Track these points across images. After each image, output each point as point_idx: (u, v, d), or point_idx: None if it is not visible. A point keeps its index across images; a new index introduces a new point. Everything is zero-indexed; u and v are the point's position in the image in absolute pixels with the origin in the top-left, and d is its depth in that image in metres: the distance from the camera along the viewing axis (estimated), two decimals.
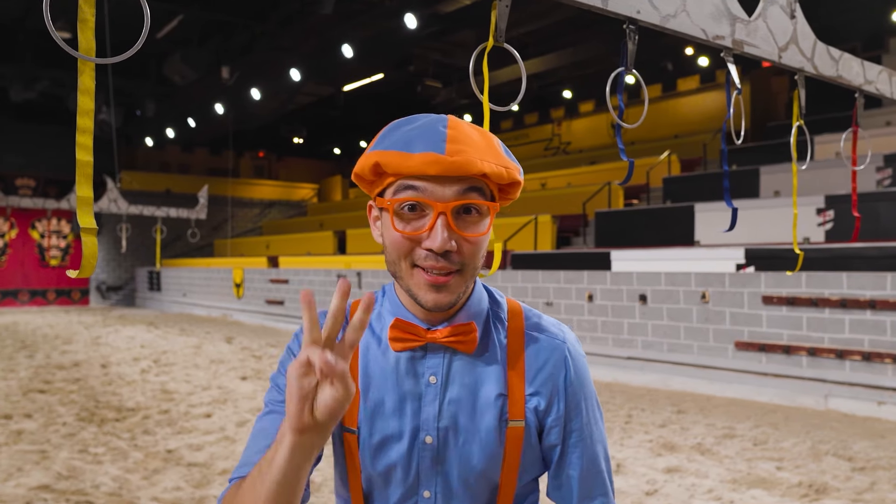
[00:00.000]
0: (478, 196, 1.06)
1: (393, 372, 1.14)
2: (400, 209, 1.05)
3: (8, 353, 11.46)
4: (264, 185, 28.91)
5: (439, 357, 1.13)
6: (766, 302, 8.22)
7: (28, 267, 23.91)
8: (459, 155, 1.02)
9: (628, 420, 6.98)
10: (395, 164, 1.04)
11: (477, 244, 1.08)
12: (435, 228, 1.03)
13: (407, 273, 1.08)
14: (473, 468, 1.12)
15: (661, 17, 1.74)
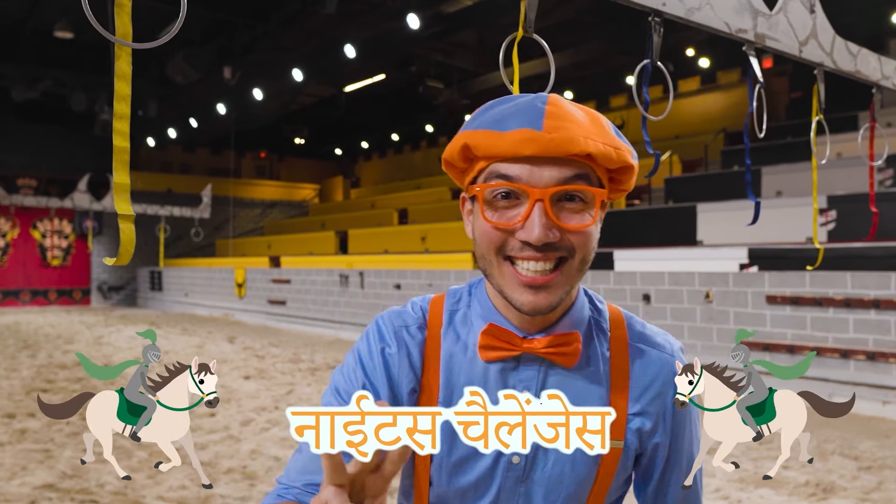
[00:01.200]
0: (583, 182, 0.92)
1: (481, 383, 1.01)
2: (492, 196, 0.93)
3: (10, 353, 11.45)
4: (266, 185, 28.90)
5: (534, 370, 1.01)
6: (770, 301, 8.21)
7: (29, 267, 23.89)
8: (559, 132, 0.89)
9: None
10: (485, 145, 0.92)
11: (584, 236, 0.94)
12: (531, 218, 0.90)
13: (498, 270, 0.95)
14: (562, 491, 1.03)
15: (686, 10, 1.74)
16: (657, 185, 14.42)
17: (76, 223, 24.01)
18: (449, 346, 1.04)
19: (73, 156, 23.97)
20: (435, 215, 17.93)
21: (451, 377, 1.03)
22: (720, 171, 13.70)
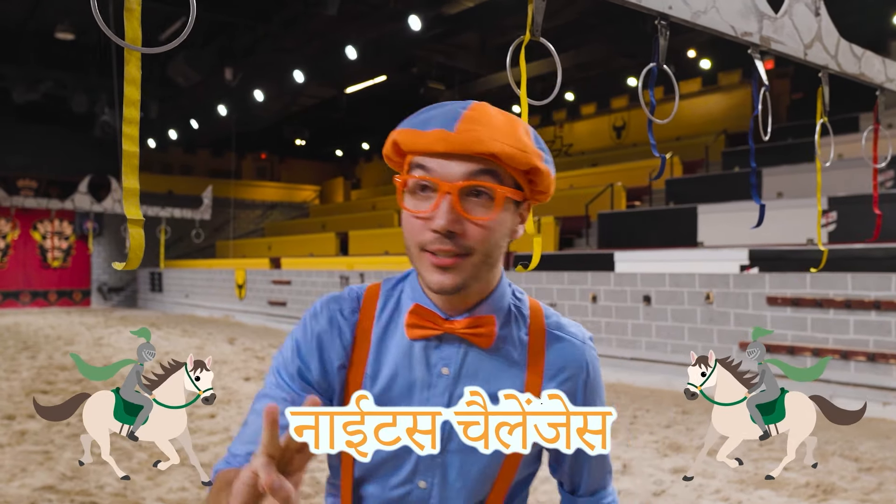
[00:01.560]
0: (489, 178, 1.03)
1: (405, 358, 1.12)
2: (412, 186, 1.05)
3: (10, 354, 11.45)
4: (266, 186, 28.89)
5: (455, 348, 1.12)
6: (771, 303, 8.22)
7: (29, 268, 23.86)
8: (468, 133, 1.00)
9: (633, 421, 6.97)
10: (409, 142, 1.05)
11: (486, 230, 1.04)
12: (440, 208, 1.01)
13: (417, 256, 1.07)
14: (475, 462, 1.12)
15: (692, 13, 1.74)
16: (658, 186, 14.41)
17: (76, 224, 23.99)
18: (381, 325, 1.15)
19: (74, 157, 23.96)
20: None
21: (379, 353, 1.13)
22: (721, 173, 13.71)
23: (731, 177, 12.71)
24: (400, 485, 1.14)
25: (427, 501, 1.15)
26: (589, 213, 13.71)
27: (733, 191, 11.75)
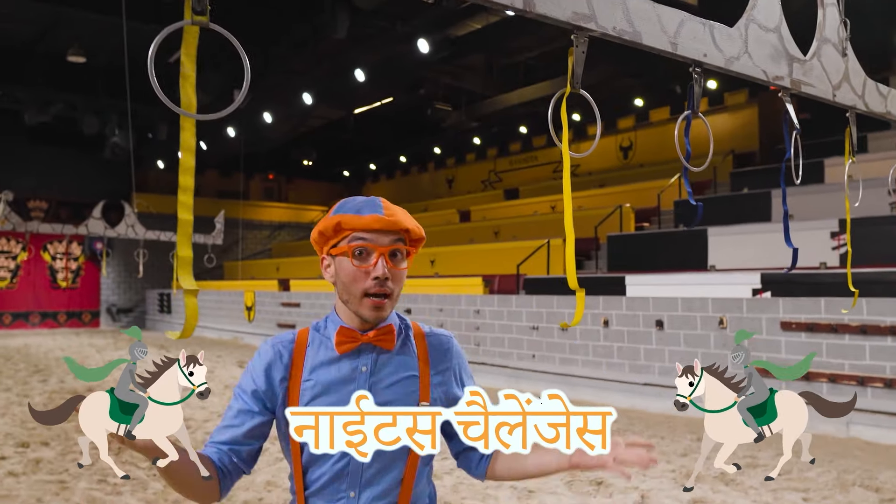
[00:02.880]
0: (402, 244, 1.56)
1: (336, 367, 1.57)
2: (355, 252, 1.53)
3: (22, 378, 11.45)
4: (274, 207, 28.96)
5: (370, 355, 1.59)
6: (785, 328, 8.17)
7: (39, 289, 23.93)
8: (392, 217, 1.54)
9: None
10: (351, 222, 1.54)
11: (401, 276, 1.57)
12: (378, 264, 1.52)
13: (357, 301, 1.55)
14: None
15: (726, 60, 1.74)
16: (666, 207, 14.40)
17: (86, 245, 24.07)
18: (314, 347, 1.61)
19: (84, 178, 24.08)
20: (444, 238, 17.94)
21: (315, 364, 1.59)
22: (730, 194, 13.68)
23: (740, 198, 12.69)
24: (340, 458, 1.54)
25: (360, 468, 1.54)
26: (598, 234, 13.70)
27: (743, 212, 11.72)
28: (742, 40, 1.82)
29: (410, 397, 1.57)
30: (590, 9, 1.50)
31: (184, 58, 1.13)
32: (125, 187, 22.87)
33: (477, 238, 17.43)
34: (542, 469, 1.60)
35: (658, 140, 18.83)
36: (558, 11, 1.45)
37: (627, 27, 1.57)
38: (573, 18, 1.48)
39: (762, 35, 1.87)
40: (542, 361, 10.72)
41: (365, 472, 1.56)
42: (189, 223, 1.15)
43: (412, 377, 1.60)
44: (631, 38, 1.58)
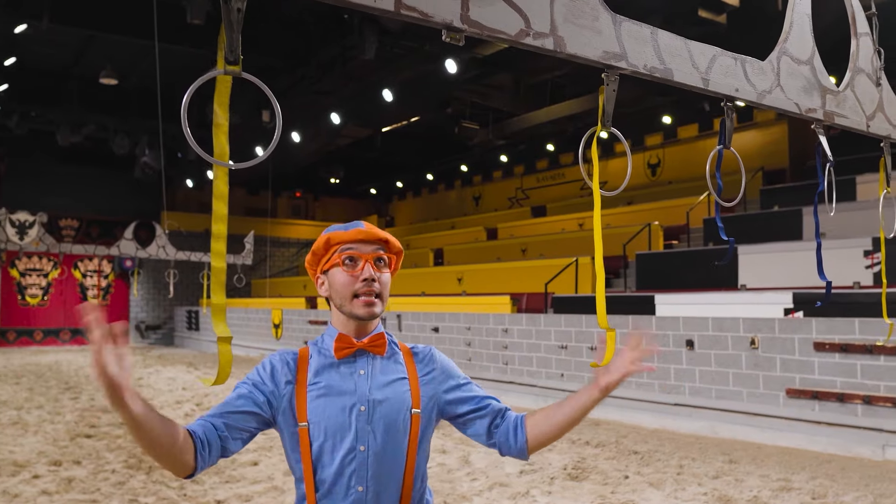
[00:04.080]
0: (384, 252, 1.79)
1: (336, 371, 1.74)
2: (345, 261, 1.75)
3: (53, 395, 11.59)
4: (301, 224, 29.17)
5: (366, 359, 1.77)
6: (818, 348, 8.05)
7: (70, 306, 24.26)
8: (372, 229, 1.77)
9: (680, 471, 6.83)
10: (338, 237, 1.76)
11: (386, 280, 1.78)
12: (365, 268, 1.74)
13: (350, 302, 1.74)
14: (393, 428, 1.72)
15: (758, 94, 1.73)
16: (695, 224, 14.30)
17: (115, 263, 24.41)
18: (316, 358, 1.77)
19: (114, 197, 24.49)
20: (470, 256, 17.95)
21: (318, 369, 1.75)
22: (759, 211, 13.54)
23: (770, 216, 12.57)
24: (347, 453, 1.68)
25: (366, 462, 1.68)
26: (626, 252, 13.62)
27: (774, 231, 11.59)
28: (774, 73, 1.81)
29: (403, 396, 1.75)
30: (620, 47, 1.50)
31: (217, 107, 1.15)
32: (154, 206, 23.23)
33: (504, 256, 17.40)
34: (579, 406, 1.79)
35: (686, 157, 18.72)
36: (589, 51, 1.46)
37: (658, 64, 1.57)
38: (603, 57, 1.48)
39: (795, 68, 1.86)
40: (571, 381, 10.65)
41: (371, 465, 1.70)
42: (222, 271, 1.17)
43: (403, 379, 1.78)
44: (662, 75, 1.58)
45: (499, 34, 1.36)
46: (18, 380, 13.78)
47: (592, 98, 17.51)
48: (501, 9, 1.34)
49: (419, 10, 1.26)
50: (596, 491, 6.10)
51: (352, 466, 1.69)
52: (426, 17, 1.27)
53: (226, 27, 1.16)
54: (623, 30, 1.52)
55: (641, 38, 1.54)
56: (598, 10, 1.48)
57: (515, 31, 1.37)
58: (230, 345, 1.10)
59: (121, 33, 14.52)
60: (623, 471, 6.80)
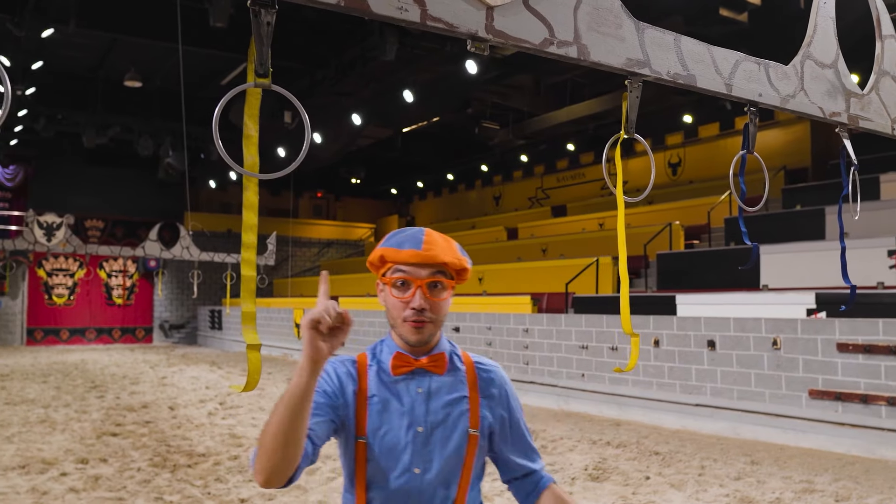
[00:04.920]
0: (442, 276, 1.65)
1: (394, 388, 1.68)
2: (395, 283, 1.65)
3: (80, 394, 11.75)
4: (322, 224, 29.33)
5: (424, 378, 1.70)
6: (842, 349, 7.98)
7: (95, 305, 24.62)
8: (430, 251, 1.63)
9: (702, 472, 6.81)
10: (392, 256, 1.66)
11: (441, 305, 1.66)
12: (416, 296, 1.63)
13: (399, 323, 1.66)
14: (448, 450, 1.66)
15: (781, 99, 1.74)
16: (717, 224, 14.22)
17: (140, 263, 24.70)
18: (374, 370, 1.71)
19: (139, 198, 24.79)
20: (491, 256, 17.95)
21: (377, 384, 1.69)
22: (782, 211, 13.44)
23: (793, 215, 12.47)
24: (401, 474, 1.64)
25: (421, 484, 1.64)
26: (647, 252, 13.57)
27: (796, 230, 11.50)
28: (798, 77, 1.82)
29: (461, 417, 1.69)
30: (643, 54, 1.52)
31: (247, 119, 1.18)
32: (178, 206, 23.47)
33: (524, 256, 17.39)
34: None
35: (708, 156, 18.61)
36: (612, 59, 1.47)
37: (682, 70, 1.58)
38: (627, 65, 1.50)
39: (819, 72, 1.87)
40: (592, 381, 10.64)
41: (425, 488, 1.65)
42: (252, 279, 1.20)
43: (462, 398, 1.71)
44: (685, 81, 1.59)
45: (523, 43, 1.38)
46: (46, 378, 13.98)
47: (612, 98, 17.47)
48: (526, 18, 1.37)
49: (444, 21, 1.29)
50: (617, 492, 6.10)
51: (406, 488, 1.64)
52: (451, 28, 1.29)
53: (255, 41, 1.19)
54: (646, 37, 1.53)
55: (664, 45, 1.55)
56: (622, 17, 1.50)
57: (539, 39, 1.39)
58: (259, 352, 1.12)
59: (144, 36, 14.70)
60: (644, 472, 6.79)
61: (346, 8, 1.21)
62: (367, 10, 1.23)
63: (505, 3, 1.33)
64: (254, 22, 1.19)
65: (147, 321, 25.47)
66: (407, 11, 1.25)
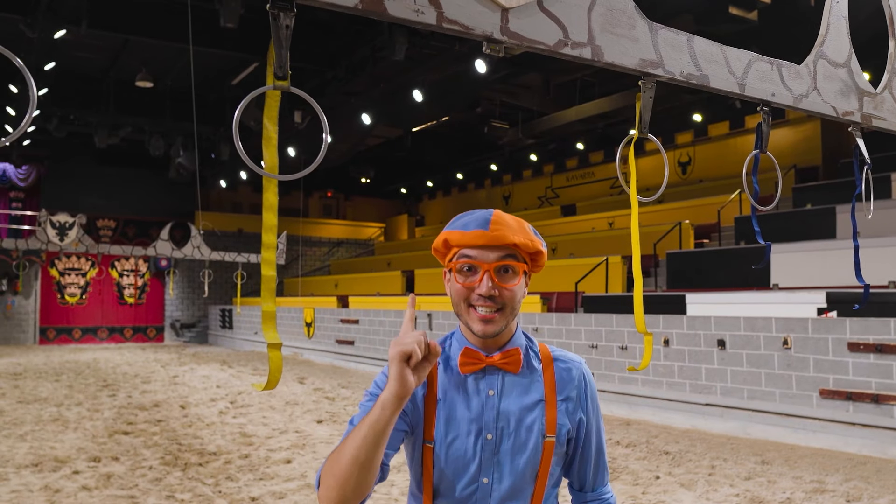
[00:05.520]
0: (513, 260, 1.50)
1: (462, 386, 1.55)
2: (461, 269, 1.51)
3: (92, 392, 11.82)
4: (332, 224, 29.41)
5: (495, 377, 1.55)
6: (853, 349, 7.95)
7: (107, 305, 24.77)
8: (498, 231, 1.48)
9: (712, 472, 6.80)
10: (457, 239, 1.51)
11: (512, 291, 1.50)
12: (483, 281, 1.48)
13: (465, 312, 1.52)
14: (521, 459, 1.53)
15: (794, 98, 1.75)
16: (727, 223, 14.18)
17: (151, 262, 24.84)
18: (442, 367, 1.58)
19: (150, 198, 24.93)
20: None
21: (445, 384, 1.56)
22: (792, 210, 13.40)
23: (803, 214, 12.43)
24: (469, 483, 1.52)
25: (489, 495, 1.52)
26: (657, 251, 13.55)
27: (807, 229, 11.46)
28: (811, 77, 1.82)
29: (536, 422, 1.54)
30: (657, 55, 1.53)
31: (266, 121, 1.20)
32: (189, 206, 23.58)
33: None
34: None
35: (717, 155, 18.55)
36: (626, 59, 1.49)
37: (695, 70, 1.59)
38: (640, 65, 1.51)
39: (832, 71, 1.87)
40: (602, 380, 10.63)
41: (493, 499, 1.53)
42: (272, 279, 1.22)
43: (538, 402, 1.56)
44: (698, 81, 1.60)
45: (538, 45, 1.39)
46: (58, 377, 14.07)
47: (622, 97, 17.44)
48: (540, 20, 1.38)
49: (460, 24, 1.30)
50: (627, 491, 6.10)
51: (472, 498, 1.53)
52: (467, 30, 1.31)
53: (275, 44, 1.20)
54: (659, 37, 1.54)
55: (678, 45, 1.56)
56: (635, 18, 1.51)
57: (554, 41, 1.40)
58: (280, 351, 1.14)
59: (156, 37, 14.77)
60: (654, 471, 6.79)
61: (364, 11, 1.23)
62: (384, 12, 1.24)
63: (520, 5, 1.35)
64: (273, 25, 1.21)
65: (158, 320, 25.59)
66: (423, 14, 1.26)
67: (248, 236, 25.91)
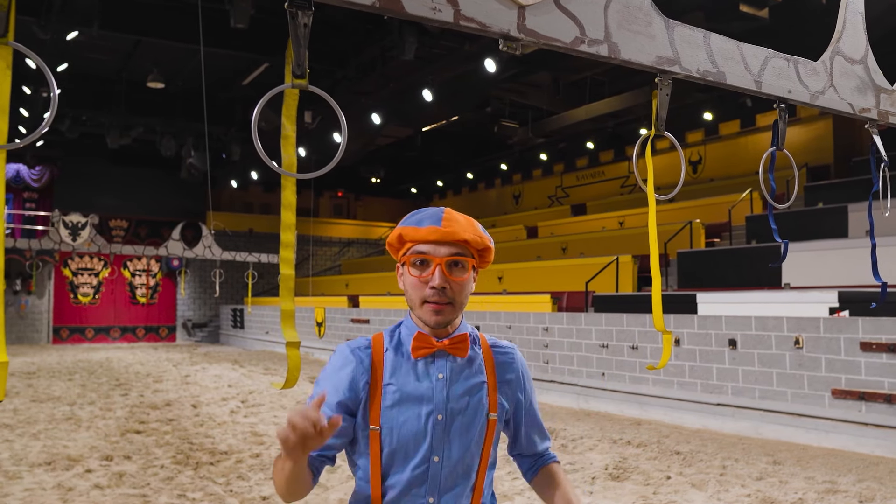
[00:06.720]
0: (463, 255, 1.61)
1: (413, 372, 1.64)
2: (414, 263, 1.61)
3: (104, 391, 11.88)
4: (343, 224, 29.47)
5: (444, 360, 1.66)
6: (865, 349, 7.91)
7: (119, 304, 24.91)
8: (450, 227, 1.59)
9: (723, 472, 6.78)
10: (410, 234, 1.61)
11: (462, 285, 1.62)
12: (435, 274, 1.58)
13: (419, 306, 1.62)
14: (468, 437, 1.64)
15: (811, 95, 1.74)
16: (738, 222, 14.13)
17: (163, 262, 24.96)
18: (391, 353, 1.67)
19: (162, 198, 25.06)
20: (511, 255, 17.93)
21: (395, 370, 1.65)
22: (804, 209, 13.34)
23: (815, 213, 12.37)
24: (420, 463, 1.61)
25: (439, 472, 1.62)
26: (668, 251, 13.51)
27: (819, 228, 11.41)
28: (827, 74, 1.81)
29: (481, 402, 1.66)
30: (673, 52, 1.53)
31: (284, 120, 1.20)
32: (200, 206, 23.68)
33: (544, 254, 17.37)
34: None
35: (728, 154, 18.49)
36: (642, 56, 1.48)
37: (711, 68, 1.59)
38: (657, 63, 1.51)
39: (848, 67, 1.86)
40: (612, 380, 10.61)
41: (443, 477, 1.63)
42: (291, 278, 1.23)
43: (482, 384, 1.68)
44: (715, 78, 1.60)
45: (554, 42, 1.39)
46: (71, 376, 14.15)
47: (632, 95, 17.40)
48: (557, 17, 1.38)
49: (477, 21, 1.30)
50: (637, 491, 6.09)
51: (423, 477, 1.62)
52: (484, 28, 1.31)
53: (293, 42, 1.21)
54: (676, 34, 1.54)
55: (694, 42, 1.56)
56: (651, 15, 1.51)
57: (571, 38, 1.40)
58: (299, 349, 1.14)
59: (167, 38, 14.83)
60: (665, 471, 6.77)
61: (381, 9, 1.23)
62: (401, 10, 1.25)
63: (536, 3, 1.35)
64: (291, 23, 1.21)
65: (170, 320, 25.71)
66: (440, 12, 1.27)
67: (259, 236, 25.99)
